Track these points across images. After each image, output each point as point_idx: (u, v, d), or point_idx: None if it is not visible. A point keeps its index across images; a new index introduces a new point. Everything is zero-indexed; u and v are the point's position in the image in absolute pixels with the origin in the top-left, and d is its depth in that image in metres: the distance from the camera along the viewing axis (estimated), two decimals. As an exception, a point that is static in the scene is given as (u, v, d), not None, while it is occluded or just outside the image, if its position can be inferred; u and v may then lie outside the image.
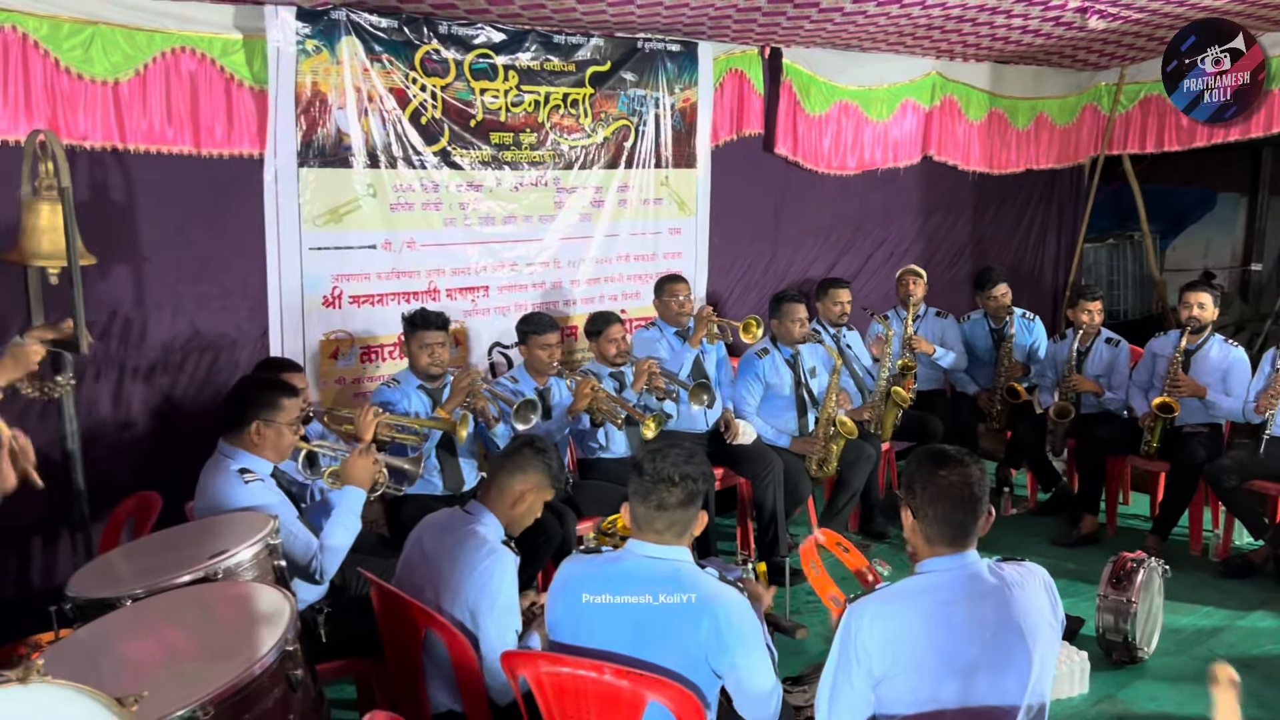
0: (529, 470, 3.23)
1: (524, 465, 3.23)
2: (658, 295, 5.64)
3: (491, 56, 5.26)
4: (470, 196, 5.34)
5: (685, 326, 5.54)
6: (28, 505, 3.06)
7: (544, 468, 3.24)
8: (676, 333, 5.56)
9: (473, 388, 4.56)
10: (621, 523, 3.87)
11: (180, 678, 2.20)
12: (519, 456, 3.25)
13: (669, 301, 5.56)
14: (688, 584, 2.61)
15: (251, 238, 4.74)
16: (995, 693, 2.36)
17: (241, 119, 4.62)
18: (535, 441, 3.31)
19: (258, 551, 2.94)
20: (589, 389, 4.78)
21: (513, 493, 3.21)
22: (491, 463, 3.38)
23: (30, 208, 3.67)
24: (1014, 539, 5.75)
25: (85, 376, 4.33)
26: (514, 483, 3.21)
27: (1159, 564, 4.45)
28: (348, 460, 3.64)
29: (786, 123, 6.46)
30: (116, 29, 4.27)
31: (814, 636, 4.46)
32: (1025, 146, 7.78)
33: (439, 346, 4.61)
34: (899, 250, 7.30)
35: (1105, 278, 9.25)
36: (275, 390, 3.57)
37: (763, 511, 5.32)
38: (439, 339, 4.62)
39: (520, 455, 3.25)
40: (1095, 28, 6.31)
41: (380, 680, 3.48)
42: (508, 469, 3.24)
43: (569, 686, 2.64)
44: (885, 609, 2.41)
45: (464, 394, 4.53)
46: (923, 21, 5.85)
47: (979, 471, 2.47)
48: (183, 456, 4.10)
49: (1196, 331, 5.54)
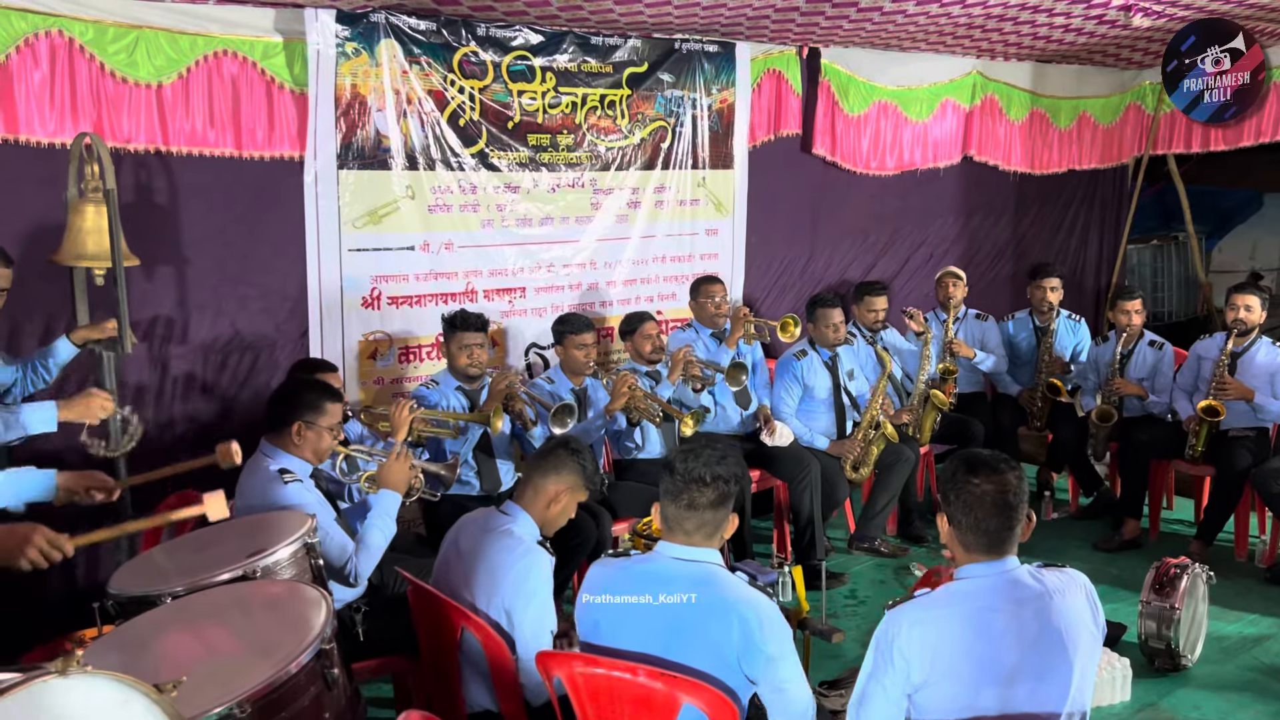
0: (564, 471, 3.23)
1: (559, 466, 3.23)
2: (693, 297, 5.63)
3: (529, 58, 5.27)
4: (508, 198, 5.36)
5: (721, 329, 5.53)
6: (72, 504, 3.10)
7: (579, 468, 3.24)
8: (712, 334, 5.55)
9: (510, 390, 4.57)
10: (656, 524, 3.87)
11: (218, 675, 2.21)
12: (554, 457, 3.25)
13: (705, 303, 5.55)
14: (715, 587, 2.59)
15: (291, 239, 4.78)
16: (1035, 700, 2.33)
17: (282, 121, 4.67)
18: (570, 442, 3.31)
19: (296, 550, 2.97)
20: (626, 386, 4.78)
21: (547, 493, 3.21)
22: (527, 463, 3.39)
23: (76, 209, 3.73)
24: (1055, 543, 5.68)
25: (128, 375, 4.39)
26: (548, 483, 3.22)
27: (1203, 570, 4.38)
28: (384, 464, 3.66)
29: (825, 123, 6.42)
30: (160, 33, 4.33)
31: (850, 641, 4.43)
32: (1067, 146, 7.69)
33: (478, 348, 4.64)
34: (938, 252, 7.24)
35: (1149, 279, 9.11)
36: (320, 393, 3.60)
37: (799, 515, 5.30)
38: (478, 340, 4.64)
39: (555, 456, 3.25)
40: (1140, 25, 6.22)
41: (417, 679, 3.50)
42: (542, 469, 3.24)
43: (603, 687, 2.63)
44: (924, 615, 2.39)
45: (501, 396, 4.54)
46: (963, 21, 5.80)
47: (1015, 478, 2.42)
48: (223, 455, 4.13)
49: (1243, 334, 5.45)
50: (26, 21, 4.03)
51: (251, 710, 2.13)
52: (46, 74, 4.10)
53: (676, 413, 4.93)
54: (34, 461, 4.06)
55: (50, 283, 4.06)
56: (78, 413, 3.51)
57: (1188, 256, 8.81)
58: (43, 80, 4.10)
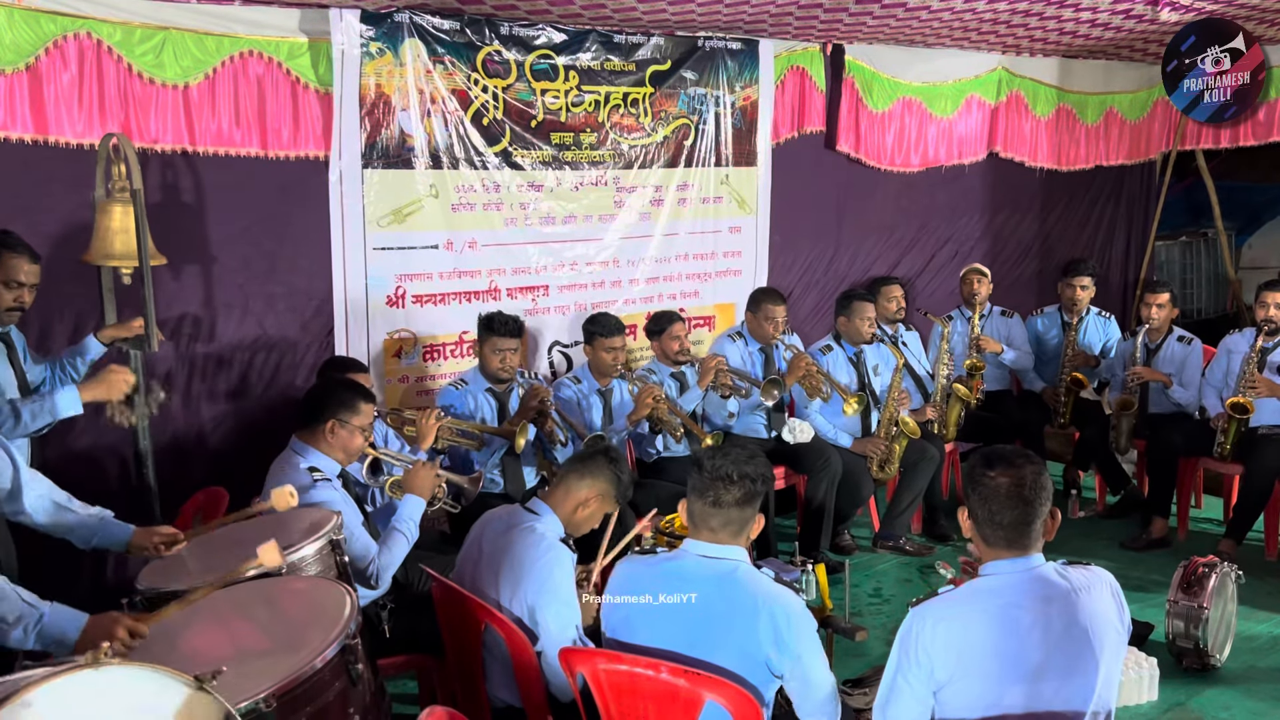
0: (599, 477, 3.23)
1: (595, 471, 3.24)
2: (752, 310, 5.52)
3: (552, 57, 5.28)
4: (531, 196, 5.37)
5: (773, 347, 5.49)
6: (102, 501, 3.14)
7: (614, 478, 3.25)
8: (760, 349, 5.51)
9: (543, 408, 4.59)
10: (679, 522, 3.87)
11: (244, 670, 2.23)
12: (592, 462, 3.26)
13: (765, 324, 5.41)
14: (742, 584, 2.60)
15: (317, 238, 4.81)
16: (1060, 698, 2.31)
17: (307, 121, 4.70)
18: (610, 451, 3.32)
19: (321, 547, 2.99)
20: (650, 399, 4.79)
21: (578, 496, 3.22)
22: (565, 464, 3.40)
23: (104, 209, 3.76)
24: (1081, 542, 5.63)
25: (155, 375, 4.43)
26: (582, 487, 3.22)
27: (1232, 569, 4.34)
28: (410, 470, 3.69)
29: (849, 119, 6.40)
30: (187, 34, 4.36)
31: (874, 639, 4.42)
32: (1094, 142, 7.63)
33: (510, 353, 4.67)
34: (964, 248, 7.20)
35: (1178, 276, 9.03)
36: (355, 392, 3.62)
37: (811, 505, 5.29)
38: (511, 346, 4.66)
39: (594, 461, 3.26)
40: (1167, 20, 6.17)
41: (441, 675, 3.51)
42: (578, 472, 3.25)
43: (626, 684, 2.64)
44: (949, 611, 2.38)
45: (532, 414, 4.57)
46: (988, 16, 5.76)
47: (1032, 473, 2.39)
48: (249, 453, 4.18)
49: (1274, 332, 5.39)
50: (55, 24, 4.08)
51: (277, 705, 2.15)
52: (75, 75, 4.15)
53: (699, 430, 4.94)
54: (62, 457, 4.14)
55: (79, 282, 4.10)
56: (101, 391, 3.54)
57: (1217, 253, 8.71)
58: (71, 81, 4.14)
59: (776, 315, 5.42)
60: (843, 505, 5.43)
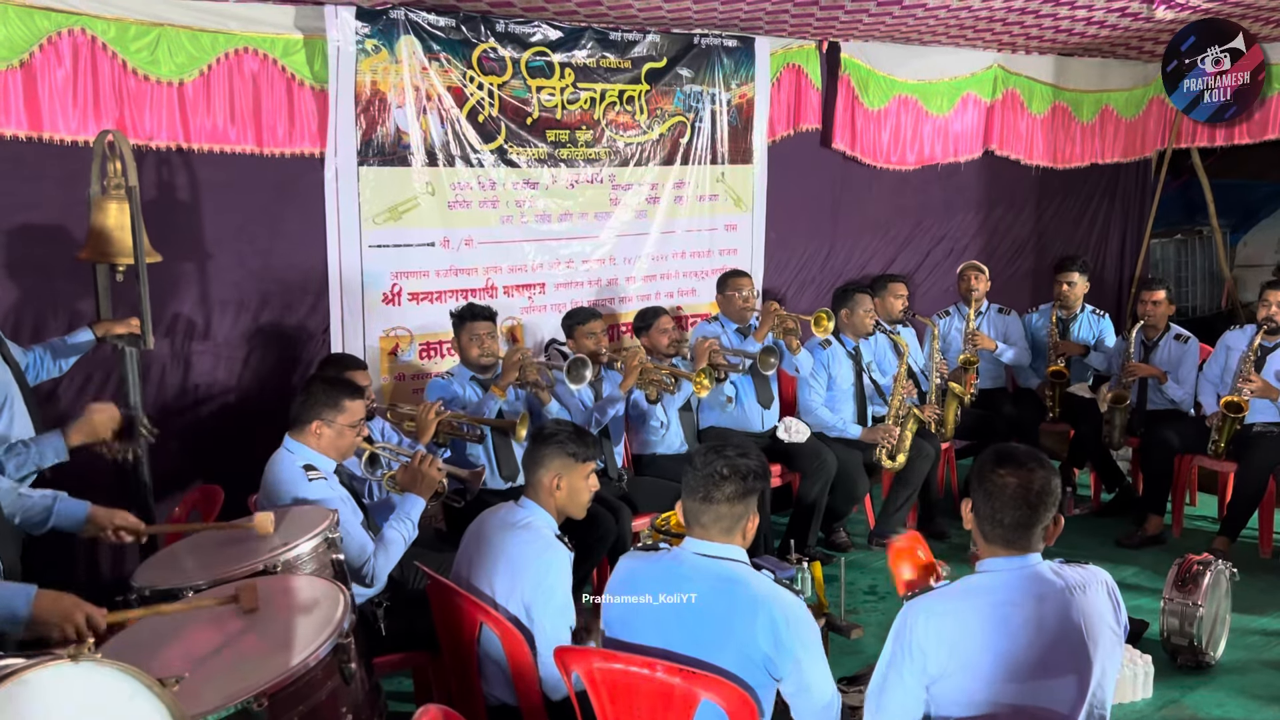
0: (547, 459, 3.22)
1: (541, 459, 3.23)
2: (720, 291, 5.63)
3: (548, 54, 5.28)
4: (527, 194, 5.37)
5: (748, 323, 5.52)
6: (96, 497, 3.13)
7: (558, 448, 3.23)
8: (738, 329, 5.54)
9: (523, 360, 4.63)
10: (675, 520, 3.87)
11: (236, 668, 2.23)
12: (533, 454, 3.26)
13: (732, 296, 5.54)
14: (742, 584, 2.59)
15: (312, 235, 4.81)
16: (1054, 697, 2.31)
17: (302, 118, 4.69)
18: (541, 431, 3.33)
19: (317, 545, 2.99)
20: (636, 361, 4.86)
21: (546, 484, 3.23)
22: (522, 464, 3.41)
23: (99, 206, 3.75)
24: (1076, 540, 5.63)
25: (151, 372, 4.43)
26: (543, 476, 3.23)
27: (1227, 566, 4.35)
28: (409, 466, 3.67)
29: (844, 117, 6.40)
30: (181, 31, 4.36)
31: (869, 636, 4.42)
32: (1090, 140, 7.64)
33: (488, 337, 4.67)
34: (959, 246, 7.21)
35: (1173, 274, 9.04)
36: (339, 391, 3.59)
37: (802, 502, 5.32)
38: (487, 329, 4.68)
39: (535, 452, 3.26)
40: (1163, 18, 6.17)
41: (437, 673, 3.51)
42: (531, 468, 3.26)
43: (621, 683, 2.63)
44: (942, 607, 2.38)
45: (516, 368, 4.61)
46: (984, 14, 5.76)
47: (1041, 478, 2.37)
48: (245, 451, 4.16)
49: (1274, 331, 5.41)
50: (49, 20, 4.07)
51: (269, 704, 2.14)
52: (69, 72, 4.14)
53: (688, 375, 4.95)
54: (56, 475, 4.10)
55: (74, 280, 4.10)
56: (86, 433, 3.46)
57: (1212, 251, 8.73)
58: (65, 78, 4.13)
59: (742, 288, 5.54)
60: (838, 503, 5.44)
